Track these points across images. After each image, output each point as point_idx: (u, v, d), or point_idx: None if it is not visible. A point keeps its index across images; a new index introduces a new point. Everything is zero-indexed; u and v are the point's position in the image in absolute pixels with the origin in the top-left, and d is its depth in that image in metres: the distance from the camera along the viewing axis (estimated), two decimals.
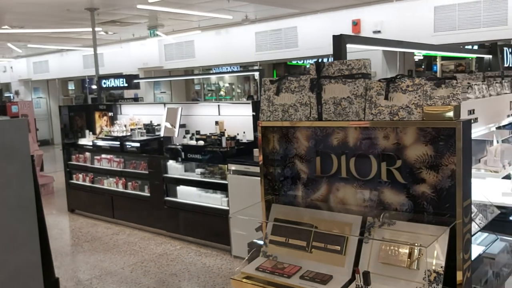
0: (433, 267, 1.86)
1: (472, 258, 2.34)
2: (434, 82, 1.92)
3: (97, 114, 8.14)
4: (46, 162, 11.75)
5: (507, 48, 4.43)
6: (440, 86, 1.91)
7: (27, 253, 3.82)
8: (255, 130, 5.77)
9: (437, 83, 1.91)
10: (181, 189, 6.43)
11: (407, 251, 1.91)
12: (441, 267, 1.85)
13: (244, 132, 6.07)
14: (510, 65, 4.51)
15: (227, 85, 17.50)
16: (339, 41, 2.52)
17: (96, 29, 10.29)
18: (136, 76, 9.45)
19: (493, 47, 4.36)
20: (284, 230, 2.28)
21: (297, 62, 14.45)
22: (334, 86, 2.15)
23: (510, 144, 3.36)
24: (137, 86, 8.58)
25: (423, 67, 14.96)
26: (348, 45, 2.72)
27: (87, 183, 7.85)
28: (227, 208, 5.68)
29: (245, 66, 13.13)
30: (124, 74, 9.57)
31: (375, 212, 2.11)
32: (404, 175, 2.04)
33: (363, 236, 2.05)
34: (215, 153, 5.87)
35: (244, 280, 2.18)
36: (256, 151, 5.41)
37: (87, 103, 16.24)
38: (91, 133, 8.00)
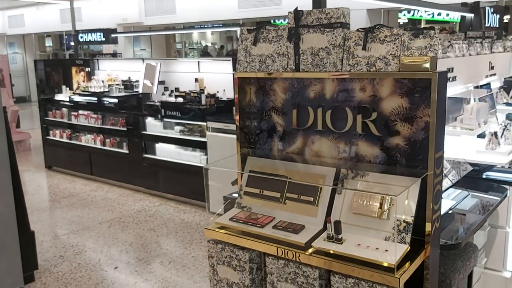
0: (403, 217, 1.89)
1: (443, 212, 2.39)
2: (412, 33, 1.89)
3: (74, 70, 7.93)
4: (22, 119, 11.51)
5: (489, 8, 4.40)
6: (418, 36, 1.88)
7: (1, 206, 3.79)
8: None
9: (415, 33, 1.88)
10: (160, 146, 6.38)
11: (378, 201, 1.93)
12: (411, 217, 1.88)
13: (224, 90, 6.00)
14: (492, 25, 4.48)
15: (209, 44, 17.19)
16: None
17: None
18: (114, 31, 9.19)
19: (475, 6, 4.31)
20: (258, 181, 2.28)
21: (281, 22, 14.19)
22: (312, 35, 2.11)
23: (486, 103, 3.39)
24: (115, 41, 8.36)
25: None
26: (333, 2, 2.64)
27: (65, 140, 7.73)
28: None
29: (227, 24, 12.86)
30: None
31: (349, 164, 2.11)
32: (379, 127, 2.03)
33: (336, 186, 2.06)
34: (194, 110, 5.81)
35: (217, 229, 2.18)
36: None
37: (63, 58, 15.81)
38: (67, 88, 7.82)
